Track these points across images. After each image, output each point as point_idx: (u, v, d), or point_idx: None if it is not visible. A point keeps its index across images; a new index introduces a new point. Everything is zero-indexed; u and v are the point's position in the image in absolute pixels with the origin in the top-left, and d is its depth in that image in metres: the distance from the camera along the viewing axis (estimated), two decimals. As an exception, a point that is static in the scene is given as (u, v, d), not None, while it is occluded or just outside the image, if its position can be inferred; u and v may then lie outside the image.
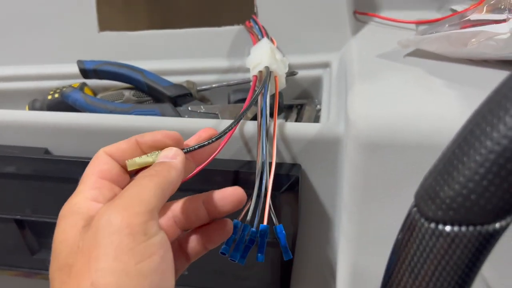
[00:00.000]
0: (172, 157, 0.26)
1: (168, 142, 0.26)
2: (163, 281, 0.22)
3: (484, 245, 0.17)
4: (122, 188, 0.25)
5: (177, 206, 0.29)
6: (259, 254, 0.29)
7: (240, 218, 0.31)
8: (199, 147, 0.27)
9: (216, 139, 0.28)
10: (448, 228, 0.18)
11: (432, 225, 0.18)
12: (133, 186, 0.23)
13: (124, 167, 0.26)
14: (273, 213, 0.32)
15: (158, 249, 0.22)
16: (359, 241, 0.36)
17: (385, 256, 0.21)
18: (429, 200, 0.18)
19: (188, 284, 0.47)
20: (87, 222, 0.23)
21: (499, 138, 0.16)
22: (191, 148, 0.27)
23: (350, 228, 0.36)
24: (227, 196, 0.28)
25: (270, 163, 0.34)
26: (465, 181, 0.17)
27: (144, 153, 0.26)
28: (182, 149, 0.27)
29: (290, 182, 0.38)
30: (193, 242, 0.29)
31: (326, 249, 0.43)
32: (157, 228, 0.22)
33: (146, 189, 0.23)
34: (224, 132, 0.29)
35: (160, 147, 0.26)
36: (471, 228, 0.17)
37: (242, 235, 0.31)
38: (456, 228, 0.17)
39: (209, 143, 0.28)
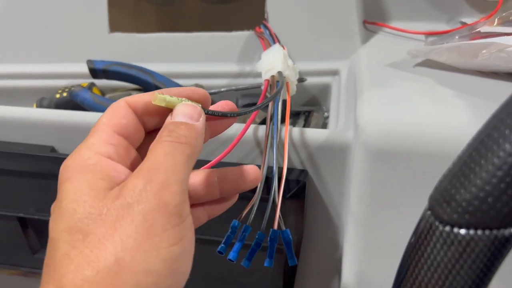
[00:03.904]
0: (196, 118, 0.23)
1: (195, 99, 0.24)
2: (187, 265, 0.21)
3: (499, 250, 0.17)
4: (135, 148, 0.24)
5: (190, 179, 0.26)
6: (268, 259, 0.29)
7: (240, 219, 0.31)
8: (223, 115, 0.25)
9: (238, 115, 0.26)
10: (463, 231, 0.17)
11: (447, 228, 0.18)
12: (166, 158, 0.21)
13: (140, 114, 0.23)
14: (280, 218, 0.32)
15: (188, 232, 0.21)
16: (365, 249, 0.35)
17: (391, 264, 0.21)
18: (444, 203, 0.18)
19: (188, 291, 0.47)
20: (109, 186, 0.21)
21: (518, 141, 0.16)
22: (215, 112, 0.25)
23: (356, 235, 0.36)
24: (247, 174, 0.27)
25: (281, 168, 0.33)
26: (482, 184, 0.17)
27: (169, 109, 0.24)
28: (205, 110, 0.24)
29: (297, 187, 0.38)
30: (197, 212, 0.27)
31: (331, 256, 0.43)
32: (188, 210, 0.21)
33: (180, 165, 0.21)
34: (248, 111, 0.27)
35: None
36: (487, 232, 0.17)
37: (243, 235, 0.30)
38: (471, 232, 0.17)
39: (231, 115, 0.25)
